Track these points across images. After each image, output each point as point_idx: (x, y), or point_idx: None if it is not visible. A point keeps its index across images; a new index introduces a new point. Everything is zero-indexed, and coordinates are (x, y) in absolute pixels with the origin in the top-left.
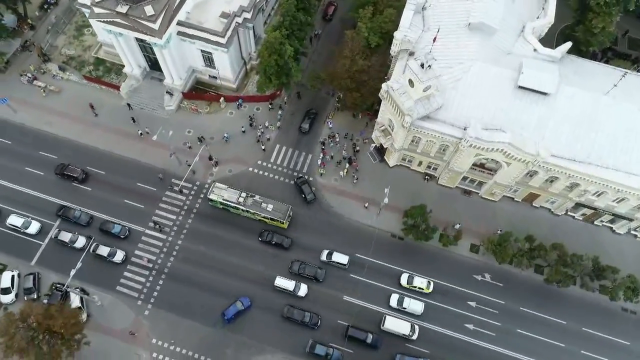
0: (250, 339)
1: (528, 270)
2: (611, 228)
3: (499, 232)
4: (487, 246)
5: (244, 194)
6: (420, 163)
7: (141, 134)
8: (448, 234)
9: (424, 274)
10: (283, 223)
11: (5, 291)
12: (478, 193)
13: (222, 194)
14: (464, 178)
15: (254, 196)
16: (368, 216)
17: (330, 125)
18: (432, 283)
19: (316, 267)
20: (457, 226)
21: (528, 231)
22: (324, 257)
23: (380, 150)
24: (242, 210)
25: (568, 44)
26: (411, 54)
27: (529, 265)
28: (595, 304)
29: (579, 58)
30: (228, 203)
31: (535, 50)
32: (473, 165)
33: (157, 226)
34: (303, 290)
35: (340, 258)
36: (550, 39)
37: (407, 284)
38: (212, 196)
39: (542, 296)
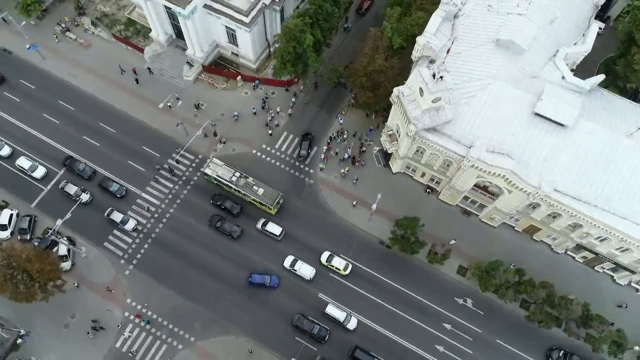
0: (218, 315)
1: (513, 304)
2: (612, 277)
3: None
4: (473, 271)
5: (237, 174)
6: (423, 174)
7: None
8: (437, 251)
9: (404, 286)
10: (271, 209)
11: (2, 228)
12: (478, 215)
13: (217, 170)
14: (465, 198)
15: (248, 178)
16: (360, 219)
17: (341, 121)
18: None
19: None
20: (452, 242)
21: (523, 264)
22: (259, 226)
23: (386, 155)
24: (234, 189)
25: (600, 77)
26: (432, 61)
27: (514, 299)
28: (575, 351)
29: (610, 93)
30: (221, 180)
31: (563, 77)
32: (475, 186)
33: (169, 168)
34: (353, 323)
35: (273, 228)
36: (591, 69)
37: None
38: (207, 171)
39: (521, 332)
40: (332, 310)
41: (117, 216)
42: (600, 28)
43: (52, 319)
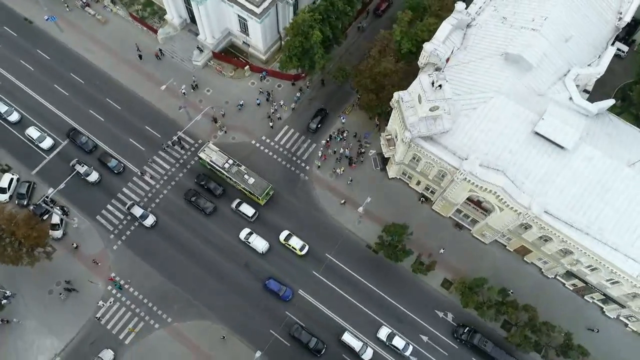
0: (197, 300)
1: (494, 324)
2: (601, 308)
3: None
4: (457, 286)
5: (230, 161)
6: (418, 182)
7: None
8: (422, 261)
9: (384, 292)
10: (259, 199)
11: (2, 191)
12: (470, 230)
13: (211, 155)
14: (458, 210)
15: (240, 166)
16: (350, 220)
17: (343, 121)
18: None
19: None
20: (441, 251)
21: (511, 284)
22: (233, 205)
23: (384, 159)
24: (226, 176)
25: (609, 101)
26: (437, 69)
27: (495, 319)
28: None
29: (619, 119)
30: (214, 165)
31: (570, 98)
32: (468, 200)
33: (178, 139)
34: (368, 354)
35: (246, 209)
36: (609, 93)
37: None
38: (201, 155)
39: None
40: (350, 339)
41: (137, 211)
42: (623, 51)
43: (37, 284)
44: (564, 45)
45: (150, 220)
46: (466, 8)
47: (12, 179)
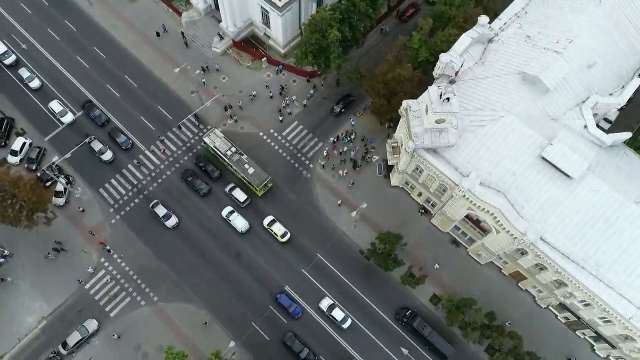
0: (185, 283)
1: (478, 347)
2: (592, 345)
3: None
4: (444, 302)
5: (233, 149)
6: (420, 194)
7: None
8: (413, 273)
9: (369, 298)
10: (257, 190)
11: (14, 153)
12: (467, 248)
13: (215, 140)
14: (456, 227)
15: (242, 155)
16: (346, 223)
17: (353, 123)
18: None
19: None
20: (436, 266)
21: (501, 309)
22: (227, 189)
23: (389, 166)
24: (227, 163)
25: (626, 135)
26: (452, 81)
27: (479, 341)
28: None
29: (635, 154)
30: (216, 151)
31: (585, 126)
32: (467, 218)
33: (195, 115)
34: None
35: (239, 195)
36: (633, 125)
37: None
38: (206, 139)
39: None
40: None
41: (161, 210)
42: None
43: (35, 248)
44: (586, 71)
45: (172, 222)
46: (490, 22)
47: (24, 143)
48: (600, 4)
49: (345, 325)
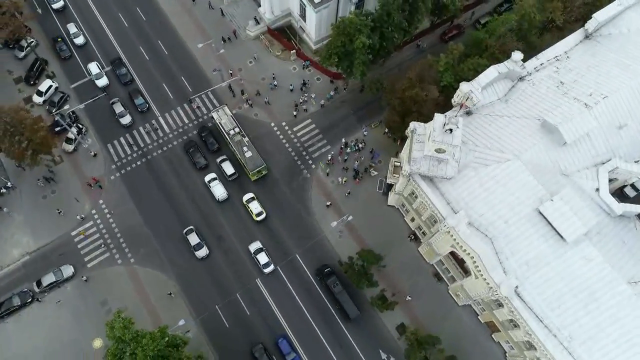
0: (163, 252)
1: None
2: None
3: None
4: (408, 335)
5: (237, 129)
6: (413, 219)
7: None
8: (384, 296)
9: (336, 312)
10: (250, 174)
11: (39, 94)
12: (448, 285)
13: (222, 117)
14: (441, 262)
15: (244, 137)
16: (332, 230)
17: (365, 133)
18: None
19: None
20: (408, 298)
21: (466, 356)
22: (218, 160)
23: (389, 184)
24: (228, 142)
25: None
26: (468, 113)
27: None
28: None
29: None
30: (221, 127)
31: (597, 189)
32: (452, 255)
33: (229, 86)
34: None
35: (227, 168)
36: None
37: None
38: (214, 114)
39: None
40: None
41: (193, 238)
42: None
43: (36, 187)
44: (614, 131)
45: (202, 253)
46: (527, 60)
47: (50, 86)
48: None
49: None
